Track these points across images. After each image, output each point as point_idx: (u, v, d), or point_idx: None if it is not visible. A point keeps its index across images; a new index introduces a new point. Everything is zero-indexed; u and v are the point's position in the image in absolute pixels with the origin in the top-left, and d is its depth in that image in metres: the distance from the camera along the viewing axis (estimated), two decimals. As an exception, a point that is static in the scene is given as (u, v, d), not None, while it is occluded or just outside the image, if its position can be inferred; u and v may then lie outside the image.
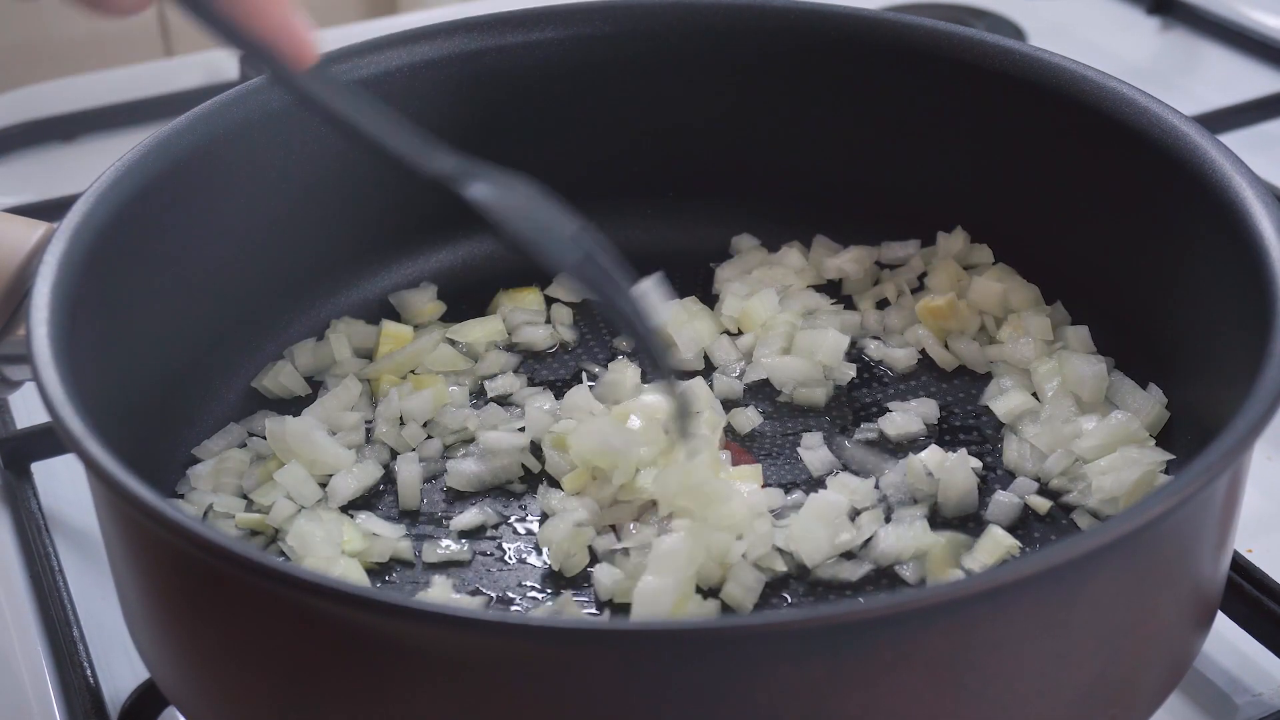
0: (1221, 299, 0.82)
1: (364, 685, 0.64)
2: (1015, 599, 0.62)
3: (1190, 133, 0.85)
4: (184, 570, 0.68)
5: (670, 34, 1.00)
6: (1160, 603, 0.69)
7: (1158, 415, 0.87)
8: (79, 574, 0.90)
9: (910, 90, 0.98)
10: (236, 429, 0.90)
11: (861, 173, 1.01)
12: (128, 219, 0.82)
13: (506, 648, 0.62)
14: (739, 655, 0.61)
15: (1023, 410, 0.90)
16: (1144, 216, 0.89)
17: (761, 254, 1.02)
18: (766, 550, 0.81)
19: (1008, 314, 0.95)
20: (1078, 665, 0.66)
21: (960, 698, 0.64)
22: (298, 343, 0.96)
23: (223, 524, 0.85)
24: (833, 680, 0.61)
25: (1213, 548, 0.72)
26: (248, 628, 0.67)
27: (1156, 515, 0.63)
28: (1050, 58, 0.93)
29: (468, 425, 0.91)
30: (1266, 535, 0.91)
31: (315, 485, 0.87)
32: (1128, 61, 1.41)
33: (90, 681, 0.83)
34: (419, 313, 0.99)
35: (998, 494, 0.85)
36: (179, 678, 0.73)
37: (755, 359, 0.94)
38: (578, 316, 1.00)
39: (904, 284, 0.99)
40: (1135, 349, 0.91)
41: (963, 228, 0.99)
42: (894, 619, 0.61)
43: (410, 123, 0.79)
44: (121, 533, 0.72)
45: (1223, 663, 0.84)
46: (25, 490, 0.96)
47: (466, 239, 1.03)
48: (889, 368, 0.95)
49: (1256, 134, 1.27)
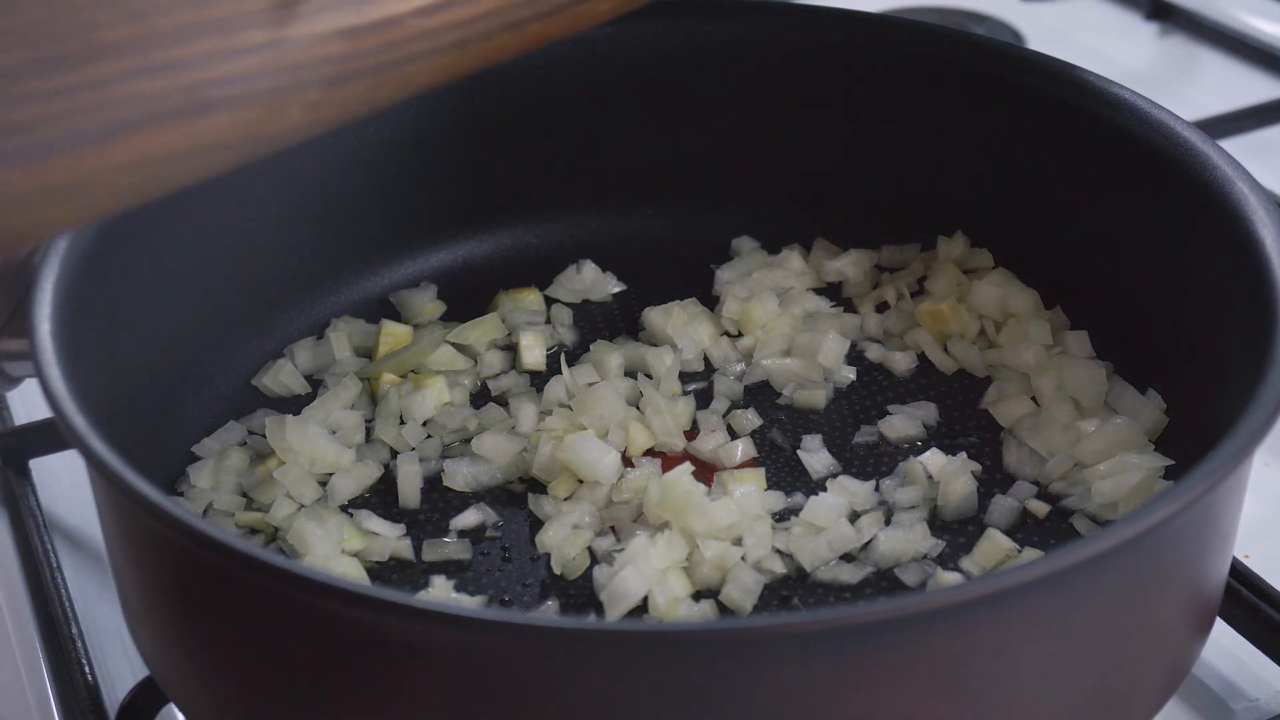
0: (1221, 304, 0.82)
1: (364, 683, 0.64)
2: (1017, 603, 0.63)
3: (1191, 138, 0.85)
4: (185, 567, 0.68)
5: (671, 35, 1.01)
6: (1160, 608, 0.69)
7: (1157, 420, 0.87)
8: (77, 571, 0.90)
9: (911, 94, 0.98)
10: (236, 427, 0.90)
11: (862, 176, 1.01)
12: (129, 216, 0.81)
13: (506, 647, 0.62)
14: (740, 657, 0.61)
15: (1022, 414, 0.90)
16: (1144, 222, 0.89)
17: (762, 256, 1.02)
18: (766, 553, 0.81)
19: (1007, 318, 0.96)
20: (1078, 669, 0.66)
21: (961, 701, 0.64)
22: (298, 341, 0.96)
23: (222, 522, 0.85)
24: (833, 683, 0.62)
25: (1213, 553, 0.72)
26: (248, 625, 0.67)
27: (1159, 520, 0.63)
28: (1051, 62, 0.93)
29: (468, 425, 0.91)
30: (1264, 541, 0.91)
31: (315, 484, 0.87)
32: (1126, 67, 1.41)
33: (88, 679, 0.83)
34: (419, 313, 0.99)
35: (997, 498, 0.85)
36: (178, 675, 0.73)
37: (755, 361, 0.95)
38: (578, 317, 1.00)
39: (904, 287, 0.99)
40: (1135, 354, 0.91)
41: (963, 232, 0.99)
42: (895, 622, 0.61)
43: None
44: (122, 529, 0.72)
45: (1220, 668, 0.84)
46: (23, 487, 0.96)
47: (466, 239, 1.03)
48: (889, 371, 0.95)
49: (1254, 140, 1.28)
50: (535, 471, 0.87)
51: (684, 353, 0.95)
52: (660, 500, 0.81)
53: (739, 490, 0.83)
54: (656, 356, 0.94)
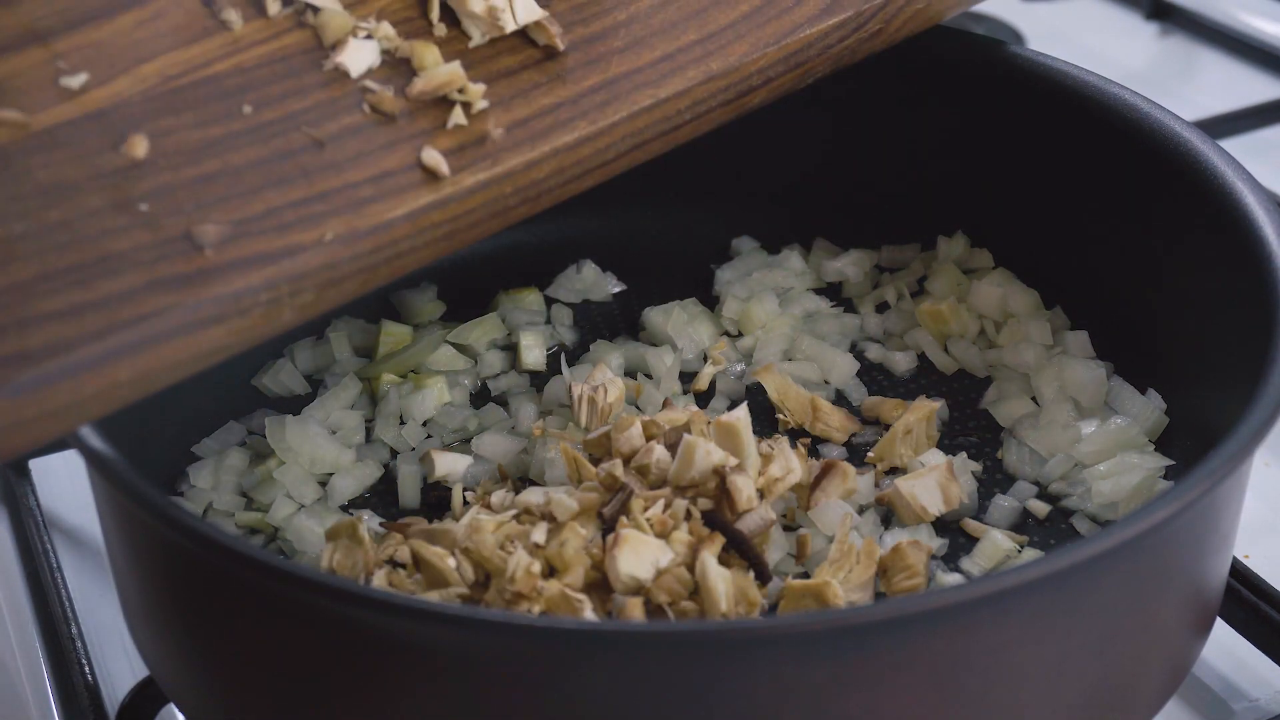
0: (1222, 305, 0.82)
1: (364, 682, 0.64)
2: (1018, 603, 0.63)
3: (1192, 138, 0.85)
4: (185, 567, 0.68)
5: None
6: (1161, 608, 0.69)
7: (1157, 421, 0.87)
8: (77, 571, 0.90)
9: (911, 94, 0.98)
10: (236, 427, 0.90)
11: (862, 176, 1.01)
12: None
13: (507, 647, 0.62)
14: (741, 657, 0.61)
15: (1022, 414, 0.90)
16: (1144, 222, 0.89)
17: (762, 256, 1.02)
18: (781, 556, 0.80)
19: (1007, 318, 0.96)
20: (1078, 669, 0.66)
21: (961, 701, 0.64)
22: (298, 341, 0.96)
23: (222, 522, 0.85)
24: (835, 683, 0.62)
25: (1213, 553, 0.72)
26: (248, 624, 0.67)
27: (1160, 520, 0.63)
28: (1052, 62, 0.93)
29: (468, 425, 0.91)
30: (1264, 541, 0.91)
31: (315, 484, 0.87)
32: (1126, 67, 1.41)
33: (88, 679, 0.83)
34: (419, 312, 0.99)
35: (997, 498, 0.85)
36: (178, 675, 0.73)
37: (755, 361, 0.95)
38: (578, 317, 1.00)
39: (904, 287, 0.99)
40: (1135, 354, 0.91)
41: (963, 232, 0.99)
42: (896, 622, 0.61)
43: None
44: (122, 529, 0.72)
45: (1220, 668, 0.84)
46: (23, 487, 0.96)
47: (466, 239, 1.03)
48: (889, 371, 0.95)
49: (1254, 140, 1.28)
50: (534, 473, 0.87)
51: (684, 353, 0.95)
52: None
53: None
54: (656, 356, 0.94)
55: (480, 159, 0.75)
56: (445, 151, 0.75)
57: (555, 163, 0.77)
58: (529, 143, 0.77)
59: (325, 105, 0.74)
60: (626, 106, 0.79)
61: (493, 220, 0.77)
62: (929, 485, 0.83)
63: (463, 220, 0.75)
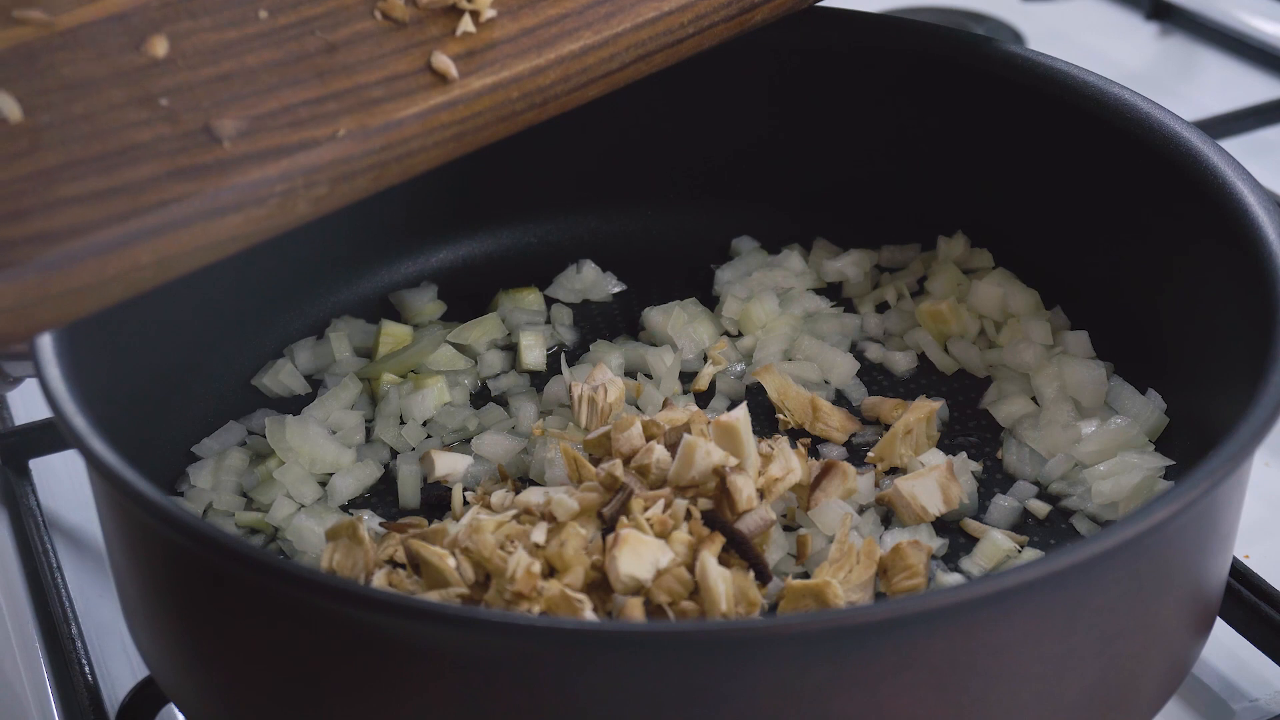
0: (1222, 305, 0.82)
1: (364, 682, 0.64)
2: (1018, 603, 0.63)
3: (1192, 138, 0.85)
4: (185, 567, 0.68)
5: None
6: (1161, 608, 0.69)
7: (1157, 421, 0.87)
8: (77, 571, 0.90)
9: (911, 94, 0.98)
10: (236, 427, 0.90)
11: (862, 176, 1.01)
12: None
13: (507, 647, 0.62)
14: (741, 657, 0.61)
15: (1022, 414, 0.90)
16: (1144, 222, 0.89)
17: (762, 256, 1.02)
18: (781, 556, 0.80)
19: (1007, 318, 0.96)
20: (1078, 669, 0.66)
21: (961, 701, 0.64)
22: (298, 341, 0.96)
23: (222, 522, 0.85)
24: (835, 683, 0.62)
25: (1213, 553, 0.72)
26: (248, 625, 0.67)
27: (1160, 520, 0.63)
28: (1052, 62, 0.93)
29: (468, 425, 0.91)
30: (1264, 541, 0.91)
31: (315, 484, 0.87)
32: (1126, 67, 1.41)
33: (88, 679, 0.83)
34: (419, 312, 0.99)
35: (997, 498, 0.85)
36: (178, 675, 0.73)
37: (755, 361, 0.95)
38: (578, 317, 1.00)
39: (904, 287, 0.99)
40: (1135, 354, 0.91)
41: (963, 232, 0.99)
42: (896, 622, 0.61)
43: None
44: (122, 529, 0.72)
45: (1220, 668, 0.84)
46: (23, 487, 0.96)
47: (466, 239, 1.03)
48: (889, 371, 0.95)
49: (1254, 140, 1.28)
50: (534, 473, 0.87)
51: (684, 353, 0.95)
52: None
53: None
54: (656, 356, 0.94)
55: (487, 64, 0.78)
56: (454, 57, 0.77)
57: (561, 70, 0.80)
58: (535, 50, 0.79)
59: (338, 11, 0.76)
60: (631, 18, 0.82)
61: (500, 124, 0.78)
62: (929, 485, 0.83)
63: (470, 123, 0.77)
